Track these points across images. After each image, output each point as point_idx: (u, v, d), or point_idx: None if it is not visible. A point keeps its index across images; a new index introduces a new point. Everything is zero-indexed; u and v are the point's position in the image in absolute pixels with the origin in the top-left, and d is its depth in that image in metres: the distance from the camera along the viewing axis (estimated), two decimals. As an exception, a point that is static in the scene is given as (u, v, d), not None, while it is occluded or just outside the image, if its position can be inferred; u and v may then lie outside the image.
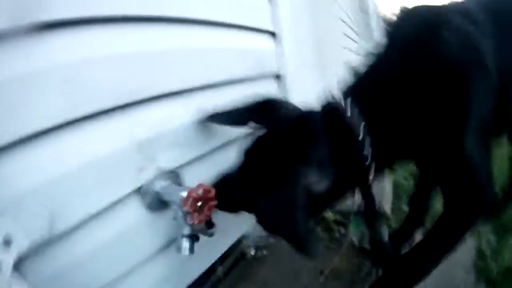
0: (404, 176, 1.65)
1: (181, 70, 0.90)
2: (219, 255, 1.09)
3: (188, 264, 0.96)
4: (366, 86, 0.78)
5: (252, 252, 1.21)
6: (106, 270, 0.74)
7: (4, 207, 0.56)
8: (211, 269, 1.10)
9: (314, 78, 1.74)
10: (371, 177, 0.74)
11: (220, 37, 1.07)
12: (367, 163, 0.72)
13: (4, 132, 0.56)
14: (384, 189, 1.41)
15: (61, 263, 0.66)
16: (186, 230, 0.77)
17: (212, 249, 1.05)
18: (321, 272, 1.10)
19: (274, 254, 1.21)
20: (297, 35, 1.46)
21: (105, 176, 0.71)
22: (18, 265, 0.58)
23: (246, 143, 0.84)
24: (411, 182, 1.48)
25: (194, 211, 0.72)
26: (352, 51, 3.23)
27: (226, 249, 1.11)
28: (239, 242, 1.18)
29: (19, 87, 0.58)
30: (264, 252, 1.23)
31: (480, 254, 1.10)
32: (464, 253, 1.09)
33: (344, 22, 2.37)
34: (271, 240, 1.26)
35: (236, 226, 1.11)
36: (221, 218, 0.85)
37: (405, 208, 1.25)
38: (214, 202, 0.77)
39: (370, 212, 0.85)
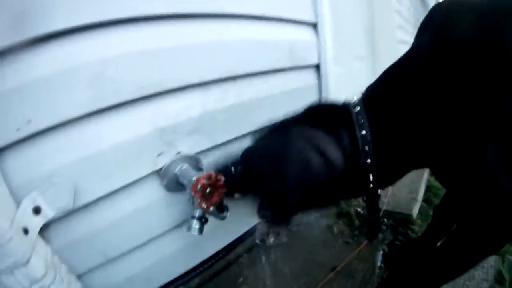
0: None
1: (210, 61, 0.92)
2: (233, 238, 1.15)
3: (201, 243, 1.04)
4: (381, 86, 0.74)
5: (271, 240, 1.25)
6: (123, 241, 0.84)
7: (37, 182, 0.67)
8: (226, 250, 1.17)
9: (361, 70, 1.66)
10: (371, 187, 0.71)
11: (256, 29, 1.05)
12: (366, 171, 0.69)
13: (42, 119, 0.66)
14: (416, 190, 1.32)
15: (82, 232, 0.77)
16: (197, 212, 0.83)
17: (227, 232, 1.12)
18: (333, 268, 1.10)
19: (291, 244, 1.24)
20: (342, 27, 1.38)
21: (127, 159, 0.79)
22: (44, 231, 0.69)
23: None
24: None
25: (202, 197, 0.77)
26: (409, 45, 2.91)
27: (241, 233, 1.17)
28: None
29: (56, 81, 0.67)
30: (282, 239, 1.26)
31: (499, 277, 0.99)
32: (481, 274, 1.00)
33: (401, 15, 2.13)
34: (290, 229, 1.28)
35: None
36: (240, 204, 0.89)
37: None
38: (223, 190, 0.81)
39: (370, 222, 0.81)
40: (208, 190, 0.79)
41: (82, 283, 0.80)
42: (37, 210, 0.68)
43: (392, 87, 0.71)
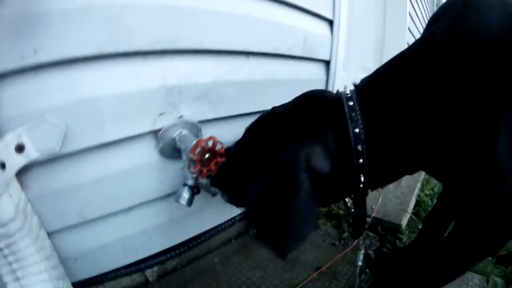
0: (427, 193, 1.53)
1: (227, 31, 0.90)
2: (219, 222, 1.10)
3: (186, 221, 0.98)
4: (379, 79, 0.68)
5: (252, 232, 1.20)
6: (104, 203, 0.78)
7: (28, 117, 0.61)
8: (209, 235, 1.11)
9: (369, 71, 1.67)
10: (361, 187, 0.67)
11: (276, 11, 1.04)
12: (358, 172, 0.65)
13: (50, 51, 0.61)
14: (406, 203, 1.32)
15: (62, 184, 0.70)
16: (189, 181, 0.78)
17: (213, 215, 1.06)
18: (317, 268, 1.06)
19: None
20: (354, 37, 1.40)
21: (127, 111, 0.74)
22: (22, 175, 0.63)
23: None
24: (434, 201, 1.36)
25: (200, 161, 0.73)
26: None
27: (227, 219, 1.12)
28: (243, 218, 1.18)
29: (74, 15, 0.63)
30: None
31: None
32: None
33: (412, 17, 2.18)
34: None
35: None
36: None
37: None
38: (222, 159, 0.77)
39: (356, 218, 0.77)
40: (207, 155, 0.74)
41: (51, 242, 0.72)
42: (20, 148, 0.62)
43: (392, 81, 0.65)
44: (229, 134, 0.88)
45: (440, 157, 0.64)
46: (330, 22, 1.27)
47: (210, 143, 0.73)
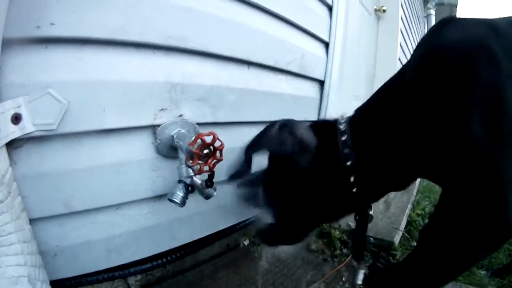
0: (418, 213, 1.54)
1: (232, 39, 0.93)
2: (209, 232, 1.06)
3: (175, 227, 0.95)
4: (367, 105, 0.74)
5: (246, 243, 1.16)
6: (93, 195, 0.75)
7: (31, 89, 0.61)
8: (198, 247, 1.07)
9: (360, 99, 1.74)
10: (356, 204, 0.70)
11: (278, 27, 1.10)
12: (351, 188, 0.67)
13: (66, 27, 0.62)
14: (398, 222, 1.31)
15: (53, 166, 0.68)
16: (185, 175, 0.77)
17: (204, 223, 1.03)
18: (312, 282, 1.02)
19: (267, 254, 1.15)
20: (348, 55, 1.49)
21: (130, 100, 0.74)
22: (12, 150, 0.62)
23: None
24: (426, 221, 1.36)
25: (199, 155, 0.72)
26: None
27: (219, 229, 1.09)
28: (234, 229, 1.15)
29: None
30: (259, 248, 1.17)
31: None
32: None
33: (402, 47, 2.33)
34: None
35: (236, 212, 1.09)
36: (224, 197, 0.85)
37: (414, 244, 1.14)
38: (221, 158, 0.77)
39: (357, 241, 0.79)
40: (206, 151, 0.74)
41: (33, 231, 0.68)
42: (16, 118, 0.60)
43: (377, 106, 0.72)
44: (225, 141, 0.89)
45: (431, 161, 0.65)
46: (326, 45, 1.35)
47: (210, 138, 0.73)
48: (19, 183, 0.64)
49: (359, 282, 0.97)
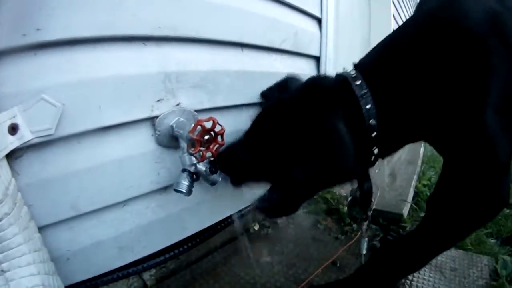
0: (424, 184, 1.54)
1: (223, 22, 0.90)
2: (218, 219, 1.06)
3: (184, 217, 0.94)
4: (378, 56, 0.72)
5: (256, 228, 1.16)
6: (99, 194, 0.74)
7: (24, 97, 0.59)
8: (208, 234, 1.07)
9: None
10: (372, 160, 0.69)
11: (268, 7, 1.07)
12: (372, 144, 0.67)
13: (52, 30, 0.60)
14: (405, 194, 1.32)
15: (56, 171, 0.67)
16: (189, 164, 0.75)
17: (212, 211, 1.02)
18: (324, 261, 1.02)
19: (276, 237, 1.16)
20: (342, 27, 1.45)
21: (126, 95, 0.72)
22: (13, 161, 0.61)
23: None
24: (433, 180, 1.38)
25: (200, 141, 0.71)
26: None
27: (227, 215, 1.08)
28: (243, 215, 1.14)
29: None
30: (269, 230, 1.17)
31: (494, 275, 0.98)
32: (476, 272, 0.98)
33: (395, 19, 2.28)
34: (275, 222, 1.21)
35: (242, 198, 1.09)
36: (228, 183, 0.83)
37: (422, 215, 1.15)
38: (222, 143, 0.75)
39: (365, 192, 0.79)
40: (207, 137, 0.72)
41: (43, 239, 0.67)
42: (13, 128, 0.59)
43: (394, 59, 0.69)
44: (225, 125, 0.86)
45: (440, 127, 0.67)
46: (319, 21, 1.31)
47: (209, 124, 0.72)
48: (24, 192, 0.63)
49: (364, 251, 0.98)
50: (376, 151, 0.69)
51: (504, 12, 0.61)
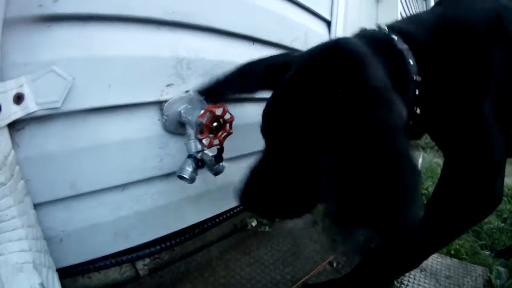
0: (422, 193, 1.53)
1: (237, 15, 0.91)
2: (217, 212, 1.04)
3: (184, 207, 0.93)
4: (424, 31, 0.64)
5: (253, 224, 1.15)
6: (99, 175, 0.72)
7: (34, 67, 0.58)
8: (206, 226, 1.05)
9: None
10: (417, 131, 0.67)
11: (281, 5, 1.08)
12: (415, 109, 0.61)
13: (69, 3, 0.59)
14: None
15: (57, 146, 0.65)
16: (194, 149, 0.74)
17: (212, 202, 1.01)
18: (321, 261, 1.01)
19: (273, 235, 1.14)
20: (350, 31, 1.47)
21: (136, 76, 0.72)
22: (14, 132, 0.59)
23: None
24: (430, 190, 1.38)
25: (209, 127, 0.70)
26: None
27: (227, 209, 1.07)
28: (241, 209, 1.13)
29: None
30: (267, 228, 1.16)
31: (488, 285, 0.99)
32: (470, 281, 0.98)
33: (402, 16, 2.31)
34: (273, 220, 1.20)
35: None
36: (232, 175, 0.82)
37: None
38: (230, 131, 0.74)
39: None
40: (216, 124, 0.71)
41: (37, 216, 0.65)
42: (19, 98, 0.57)
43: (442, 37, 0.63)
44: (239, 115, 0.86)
45: (443, 119, 0.67)
46: (328, 23, 1.33)
47: (220, 111, 0.71)
48: (23, 166, 0.61)
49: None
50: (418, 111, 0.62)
51: (506, 11, 0.63)
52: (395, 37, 0.59)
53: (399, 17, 2.12)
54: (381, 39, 0.59)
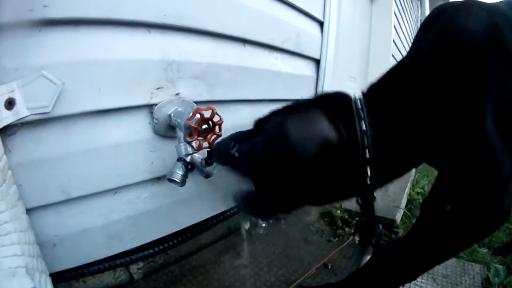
0: (418, 191, 1.55)
1: (227, 16, 0.91)
2: (210, 215, 1.04)
3: (175, 211, 0.93)
4: (382, 84, 0.71)
5: (246, 227, 1.15)
6: (91, 179, 0.73)
7: (25, 72, 0.58)
8: (199, 231, 1.05)
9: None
10: (368, 184, 0.65)
11: (273, 5, 1.08)
12: (364, 164, 0.63)
13: (58, 8, 0.60)
14: (398, 201, 1.32)
15: (49, 152, 0.66)
16: (184, 152, 0.74)
17: (204, 206, 1.01)
18: (315, 262, 1.01)
19: (268, 238, 1.14)
20: (343, 35, 1.47)
21: (126, 79, 0.72)
22: (6, 137, 0.60)
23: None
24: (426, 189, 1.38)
25: (198, 130, 0.70)
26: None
27: (220, 212, 1.07)
28: (234, 212, 1.13)
29: None
30: (260, 230, 1.16)
31: (486, 283, 0.98)
32: (468, 280, 0.98)
33: (396, 29, 2.32)
34: (269, 223, 1.20)
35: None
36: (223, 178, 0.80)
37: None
38: (220, 133, 0.75)
39: (364, 225, 0.76)
40: (205, 126, 0.72)
41: (30, 222, 0.66)
42: (10, 103, 0.58)
43: (394, 84, 0.69)
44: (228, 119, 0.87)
45: (440, 147, 0.66)
46: (321, 24, 1.33)
47: (208, 113, 0.71)
48: (15, 171, 0.61)
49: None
50: (369, 171, 0.65)
51: (504, 24, 0.62)
52: (358, 106, 0.66)
53: (393, 18, 2.13)
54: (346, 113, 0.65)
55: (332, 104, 0.67)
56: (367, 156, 0.63)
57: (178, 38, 0.81)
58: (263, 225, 1.17)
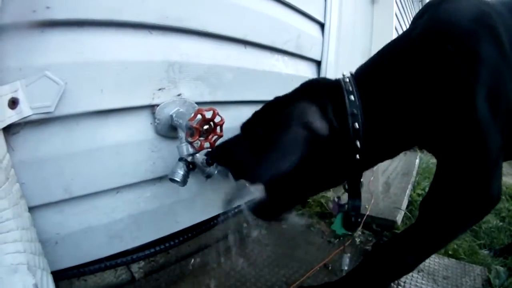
0: (419, 193, 1.55)
1: (229, 18, 0.92)
2: (212, 215, 1.05)
3: (176, 210, 0.93)
4: (371, 64, 0.74)
5: (248, 226, 1.15)
6: (93, 178, 0.73)
7: (28, 71, 0.59)
8: (200, 229, 1.06)
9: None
10: (357, 159, 0.68)
11: (274, 7, 1.09)
12: (354, 137, 0.66)
13: (61, 9, 0.61)
14: (399, 202, 1.32)
15: (52, 150, 0.66)
16: (185, 156, 0.75)
17: (205, 206, 1.01)
18: (316, 263, 1.01)
19: (269, 239, 1.14)
20: (344, 36, 1.48)
21: (128, 80, 0.73)
22: (9, 136, 0.60)
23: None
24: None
25: (199, 130, 0.70)
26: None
27: (219, 212, 1.07)
28: (235, 214, 1.13)
29: None
30: (261, 230, 1.16)
31: (487, 285, 0.98)
32: (469, 281, 0.98)
33: (397, 30, 2.32)
34: (269, 224, 1.20)
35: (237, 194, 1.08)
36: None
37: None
38: (221, 134, 0.75)
39: (351, 210, 0.77)
40: (206, 127, 0.72)
41: (32, 219, 0.66)
42: (14, 102, 0.59)
43: (382, 64, 0.72)
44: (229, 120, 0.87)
45: (431, 127, 0.68)
46: (322, 26, 1.34)
47: (210, 114, 0.72)
48: (17, 169, 0.62)
49: (345, 267, 0.97)
50: (359, 145, 0.67)
51: (496, 15, 0.64)
52: (346, 81, 0.70)
53: (395, 19, 2.14)
54: (336, 86, 0.70)
55: (320, 91, 0.70)
56: (356, 126, 0.66)
57: (179, 40, 0.82)
58: (264, 226, 1.17)
